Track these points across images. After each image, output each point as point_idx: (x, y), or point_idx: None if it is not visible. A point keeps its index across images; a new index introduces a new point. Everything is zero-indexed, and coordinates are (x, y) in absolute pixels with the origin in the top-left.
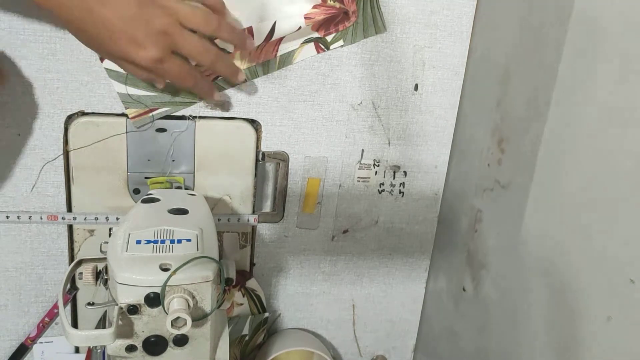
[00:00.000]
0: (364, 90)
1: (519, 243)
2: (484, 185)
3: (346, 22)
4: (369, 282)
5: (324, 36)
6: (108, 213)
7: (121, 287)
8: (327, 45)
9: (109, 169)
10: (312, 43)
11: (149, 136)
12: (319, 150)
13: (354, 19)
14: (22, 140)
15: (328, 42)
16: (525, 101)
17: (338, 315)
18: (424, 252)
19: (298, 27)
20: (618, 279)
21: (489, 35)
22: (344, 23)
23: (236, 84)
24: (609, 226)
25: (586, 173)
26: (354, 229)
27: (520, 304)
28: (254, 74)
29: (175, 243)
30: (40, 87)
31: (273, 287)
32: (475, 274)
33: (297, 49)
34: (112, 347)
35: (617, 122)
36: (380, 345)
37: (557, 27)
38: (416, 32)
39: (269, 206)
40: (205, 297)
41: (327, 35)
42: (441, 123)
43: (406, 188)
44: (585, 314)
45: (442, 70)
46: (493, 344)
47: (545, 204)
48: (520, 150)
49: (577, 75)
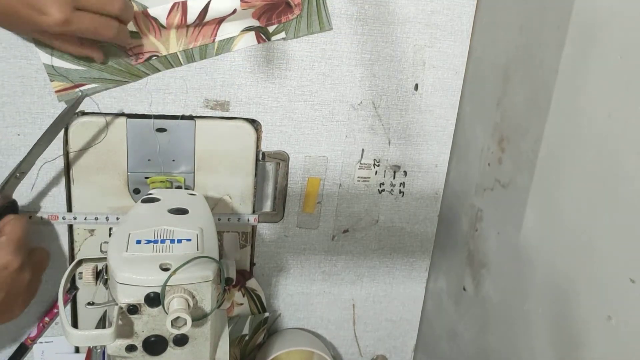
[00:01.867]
0: (364, 90)
1: (519, 242)
2: (485, 184)
3: (289, 14)
4: (369, 281)
5: (265, 26)
6: (108, 213)
7: (121, 287)
8: (268, 35)
9: (109, 169)
10: (252, 32)
11: (149, 136)
12: (319, 150)
13: (298, 12)
14: (22, 140)
15: (269, 32)
16: (525, 101)
17: (338, 315)
18: (424, 251)
19: (233, 9)
20: (618, 279)
21: (489, 35)
22: (287, 15)
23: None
24: (609, 226)
25: (586, 172)
26: (354, 229)
27: (520, 304)
28: (190, 57)
29: (175, 243)
30: (40, 87)
31: (273, 287)
32: (475, 274)
33: (237, 36)
34: (112, 347)
35: (617, 122)
36: (380, 345)
37: (557, 27)
38: (416, 32)
39: (269, 206)
40: (205, 297)
41: (269, 26)
42: (441, 123)
43: (406, 188)
44: (585, 314)
45: (442, 70)
46: (493, 344)
47: (546, 203)
48: (520, 150)
49: (577, 75)
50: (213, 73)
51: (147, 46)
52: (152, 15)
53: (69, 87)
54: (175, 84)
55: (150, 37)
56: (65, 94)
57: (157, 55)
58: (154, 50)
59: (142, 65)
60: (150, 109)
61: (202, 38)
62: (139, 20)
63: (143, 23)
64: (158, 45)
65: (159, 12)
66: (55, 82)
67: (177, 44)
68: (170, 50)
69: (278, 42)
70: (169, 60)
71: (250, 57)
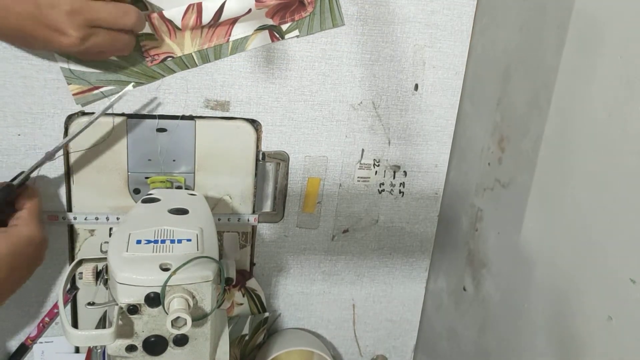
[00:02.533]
0: (364, 90)
1: (519, 242)
2: (485, 184)
3: (302, 11)
4: (369, 281)
5: (279, 24)
6: (108, 213)
7: (121, 287)
8: (282, 34)
9: (109, 169)
10: (266, 31)
11: (149, 136)
12: (319, 150)
13: (311, 10)
14: (22, 140)
15: (283, 31)
16: (525, 100)
17: (338, 315)
18: (424, 251)
19: (248, 9)
20: (618, 279)
21: (489, 35)
22: (300, 13)
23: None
24: (609, 226)
25: (586, 172)
26: (354, 229)
27: (520, 304)
28: (205, 58)
29: (175, 243)
30: (40, 87)
31: (273, 287)
32: (475, 274)
33: (251, 36)
34: (112, 347)
35: (618, 122)
36: (380, 344)
37: (557, 26)
38: (416, 32)
39: (269, 206)
40: (205, 297)
41: (282, 24)
42: (441, 122)
43: (406, 188)
44: (585, 314)
45: (442, 70)
46: (493, 344)
47: (546, 203)
48: (520, 149)
49: (577, 75)
50: (213, 73)
51: (162, 47)
52: (167, 17)
53: (87, 89)
54: (176, 84)
55: (165, 39)
56: (83, 96)
57: (172, 56)
58: (169, 51)
59: (158, 67)
60: (151, 109)
61: (216, 38)
62: (154, 22)
63: (159, 25)
64: (173, 47)
65: (174, 14)
66: (72, 85)
67: (192, 44)
68: (185, 51)
69: (278, 42)
70: (184, 61)
71: (250, 57)
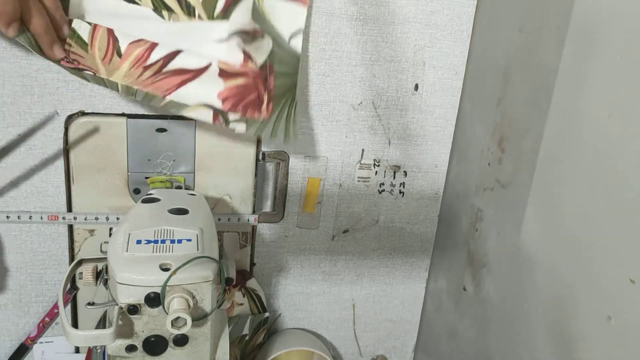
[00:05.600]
0: (364, 90)
1: (519, 242)
2: (484, 184)
3: (256, 112)
4: (369, 281)
5: (227, 111)
6: (108, 213)
7: (121, 287)
8: (227, 121)
9: (109, 169)
10: (211, 110)
11: (149, 136)
12: (319, 150)
13: (266, 116)
14: (22, 140)
15: (229, 120)
16: (525, 101)
17: (338, 315)
18: (424, 251)
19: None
20: (618, 279)
21: (489, 35)
22: (253, 112)
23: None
24: (609, 226)
25: (586, 172)
26: (354, 229)
27: (520, 304)
28: (132, 93)
29: (175, 243)
30: (40, 87)
31: (273, 287)
32: (475, 274)
33: (192, 107)
34: (112, 347)
35: (618, 122)
36: (380, 345)
37: (557, 27)
38: (416, 32)
39: (269, 206)
40: (205, 297)
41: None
42: (441, 123)
43: (406, 188)
44: (584, 314)
45: (442, 70)
46: (493, 344)
47: (546, 203)
48: (520, 150)
49: (577, 75)
50: None
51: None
52: (115, 35)
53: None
54: None
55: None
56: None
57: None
58: (93, 68)
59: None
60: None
61: (153, 89)
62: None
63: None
64: (100, 67)
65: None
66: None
67: (124, 77)
68: (113, 78)
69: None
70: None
71: None
